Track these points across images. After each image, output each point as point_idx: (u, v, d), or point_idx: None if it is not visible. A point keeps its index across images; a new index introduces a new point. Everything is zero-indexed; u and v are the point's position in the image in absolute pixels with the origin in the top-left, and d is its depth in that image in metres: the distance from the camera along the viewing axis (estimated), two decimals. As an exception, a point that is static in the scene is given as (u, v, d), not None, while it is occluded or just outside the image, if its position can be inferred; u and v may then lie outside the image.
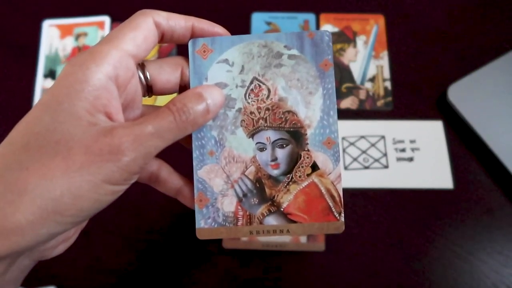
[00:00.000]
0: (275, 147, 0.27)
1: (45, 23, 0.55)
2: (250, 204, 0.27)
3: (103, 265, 0.44)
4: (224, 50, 0.26)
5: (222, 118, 0.26)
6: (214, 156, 0.27)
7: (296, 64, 0.26)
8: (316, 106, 0.26)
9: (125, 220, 0.46)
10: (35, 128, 0.21)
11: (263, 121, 0.26)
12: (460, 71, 0.49)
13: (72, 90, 0.21)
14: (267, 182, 0.27)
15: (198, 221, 0.27)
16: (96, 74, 0.21)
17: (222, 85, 0.26)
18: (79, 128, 0.21)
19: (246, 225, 0.27)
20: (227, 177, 0.27)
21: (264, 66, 0.26)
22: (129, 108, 0.25)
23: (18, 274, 0.24)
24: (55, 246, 0.25)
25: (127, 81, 0.23)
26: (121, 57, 0.22)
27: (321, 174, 0.27)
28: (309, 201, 0.27)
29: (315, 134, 0.26)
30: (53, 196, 0.20)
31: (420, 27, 0.53)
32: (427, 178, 0.46)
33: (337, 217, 0.26)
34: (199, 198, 0.27)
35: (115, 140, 0.21)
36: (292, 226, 0.27)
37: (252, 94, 0.26)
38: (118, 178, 0.21)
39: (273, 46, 0.26)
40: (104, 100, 0.22)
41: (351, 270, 0.43)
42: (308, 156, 0.27)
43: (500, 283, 0.42)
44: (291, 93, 0.26)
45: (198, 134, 0.26)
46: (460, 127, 0.48)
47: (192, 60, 0.26)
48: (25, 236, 0.20)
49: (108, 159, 0.20)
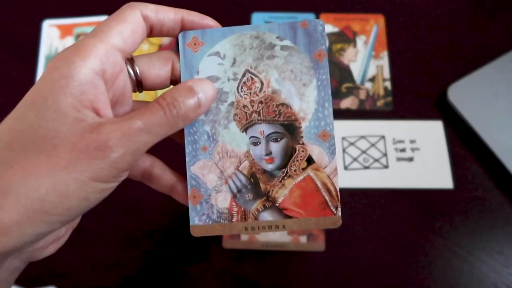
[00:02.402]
0: (269, 141, 0.26)
1: (45, 23, 0.55)
2: (245, 200, 0.26)
3: (103, 265, 0.44)
4: (215, 43, 0.26)
5: (215, 112, 0.26)
6: (207, 151, 0.26)
7: (289, 55, 0.26)
8: (310, 98, 0.26)
9: (124, 219, 0.45)
10: (20, 126, 0.20)
11: (256, 115, 0.26)
12: (460, 71, 0.49)
13: (57, 86, 0.20)
14: (261, 177, 0.26)
15: (192, 218, 0.26)
16: (82, 68, 0.21)
17: (214, 79, 0.26)
18: (65, 124, 0.20)
19: (241, 221, 0.26)
20: (220, 172, 0.26)
21: (256, 58, 0.26)
22: (119, 104, 0.24)
23: (8, 275, 0.24)
24: (45, 247, 0.25)
25: (115, 76, 0.23)
26: (107, 51, 0.22)
27: (317, 167, 0.26)
28: (305, 195, 0.26)
29: (310, 127, 0.26)
30: (38, 195, 0.19)
31: (420, 27, 0.53)
32: (427, 178, 0.46)
33: (334, 211, 0.26)
34: (193, 195, 0.26)
35: (102, 136, 0.20)
36: (288, 221, 0.26)
37: (244, 87, 0.26)
38: (106, 175, 0.20)
39: (265, 37, 0.26)
40: (90, 95, 0.21)
41: (351, 270, 0.43)
42: (303, 150, 0.26)
43: (500, 283, 0.42)
44: (285, 85, 0.26)
45: (190, 129, 0.26)
46: (460, 127, 0.48)
47: (183, 53, 0.26)
48: (11, 236, 0.19)
49: (95, 156, 0.20)
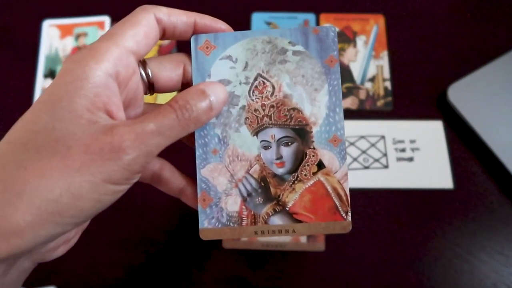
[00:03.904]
0: (280, 145, 0.26)
1: (45, 23, 0.55)
2: (255, 204, 0.26)
3: (103, 265, 0.44)
4: (227, 47, 0.26)
5: (226, 115, 0.26)
6: (218, 154, 0.26)
7: (301, 60, 0.26)
8: (321, 103, 0.26)
9: (126, 220, 0.45)
10: (34, 127, 0.20)
11: (267, 119, 0.26)
12: (460, 71, 0.49)
13: (71, 88, 0.20)
14: (272, 181, 0.26)
15: (201, 221, 0.26)
16: (96, 71, 0.21)
17: (226, 82, 0.26)
18: (79, 126, 0.20)
19: (250, 225, 0.26)
20: (231, 176, 0.26)
21: (268, 63, 0.26)
22: (131, 106, 0.25)
23: (18, 276, 0.24)
24: (55, 248, 0.25)
25: (128, 78, 0.23)
26: (121, 54, 0.22)
27: (327, 172, 0.26)
28: (315, 200, 0.26)
29: (320, 132, 0.26)
30: (52, 196, 0.19)
31: (420, 27, 0.53)
32: (427, 178, 0.46)
33: (344, 216, 0.26)
34: (203, 198, 0.26)
35: (116, 138, 0.20)
36: (298, 226, 0.26)
37: (256, 91, 0.26)
38: (119, 178, 0.21)
39: (277, 42, 0.26)
40: (104, 97, 0.21)
41: (351, 270, 0.43)
42: (314, 154, 0.26)
43: (500, 283, 0.42)
44: (296, 89, 0.26)
45: (201, 132, 0.26)
46: (460, 127, 0.48)
47: (195, 56, 0.26)
48: (24, 238, 0.19)
49: (109, 158, 0.20)
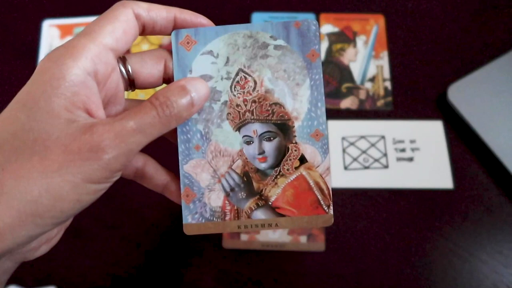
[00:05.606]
0: (262, 140, 0.26)
1: (45, 23, 0.55)
2: (238, 199, 0.26)
3: (102, 264, 0.44)
4: (208, 41, 0.26)
5: (208, 111, 0.26)
6: (200, 150, 0.26)
7: (282, 55, 0.26)
8: (303, 97, 0.26)
9: (124, 219, 0.45)
10: (11, 128, 0.20)
11: (249, 114, 0.26)
12: (460, 71, 0.49)
13: (48, 87, 0.20)
14: (254, 176, 0.26)
15: (185, 216, 0.26)
16: (73, 69, 0.21)
17: (207, 78, 0.26)
18: (57, 126, 0.20)
19: (234, 220, 0.26)
20: (214, 171, 0.26)
21: (249, 58, 0.26)
22: (111, 103, 0.24)
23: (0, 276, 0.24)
24: (37, 247, 0.25)
25: (107, 76, 0.23)
26: (99, 51, 0.22)
27: (310, 167, 0.26)
28: (297, 194, 0.26)
29: (302, 126, 0.26)
30: (31, 197, 0.19)
31: (420, 27, 0.53)
32: (427, 178, 0.46)
33: (326, 210, 0.26)
34: (186, 193, 0.26)
35: (95, 137, 0.20)
36: (281, 220, 0.26)
37: (238, 86, 0.26)
38: (99, 177, 0.20)
39: (258, 37, 0.26)
40: (82, 96, 0.21)
41: (351, 270, 0.43)
42: (296, 149, 0.26)
43: (500, 283, 0.42)
44: (278, 84, 0.26)
45: (183, 128, 0.26)
46: (460, 127, 0.47)
47: (176, 52, 0.26)
48: (4, 240, 0.19)
49: (88, 158, 0.20)
